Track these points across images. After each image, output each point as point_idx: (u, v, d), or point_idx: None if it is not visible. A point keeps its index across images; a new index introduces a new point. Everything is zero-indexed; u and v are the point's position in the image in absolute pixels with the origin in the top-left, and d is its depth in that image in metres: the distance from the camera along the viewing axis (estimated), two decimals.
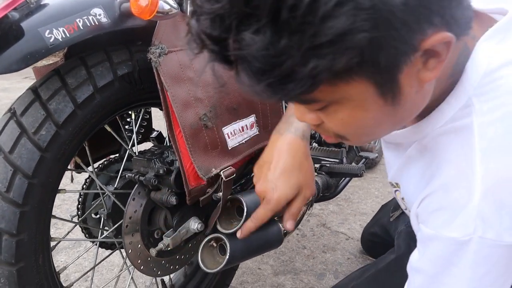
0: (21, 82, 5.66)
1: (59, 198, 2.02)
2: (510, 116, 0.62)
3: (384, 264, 1.28)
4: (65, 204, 2.09)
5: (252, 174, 1.24)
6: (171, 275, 1.32)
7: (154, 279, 1.29)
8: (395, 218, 1.58)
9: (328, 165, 1.45)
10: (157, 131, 1.36)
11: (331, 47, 0.46)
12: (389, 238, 1.56)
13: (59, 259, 1.66)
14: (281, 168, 0.89)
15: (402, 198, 0.88)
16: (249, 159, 1.12)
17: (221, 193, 1.02)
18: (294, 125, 0.92)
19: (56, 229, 1.83)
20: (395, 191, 0.92)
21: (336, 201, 2.18)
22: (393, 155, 0.86)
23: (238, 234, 0.93)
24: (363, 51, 0.48)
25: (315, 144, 1.43)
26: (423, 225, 0.71)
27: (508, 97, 0.63)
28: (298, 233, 1.89)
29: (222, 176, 0.96)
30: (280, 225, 1.13)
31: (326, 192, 1.46)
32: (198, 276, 1.31)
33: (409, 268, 0.77)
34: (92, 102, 0.91)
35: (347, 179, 1.62)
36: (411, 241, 1.31)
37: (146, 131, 1.32)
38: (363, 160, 1.72)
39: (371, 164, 2.51)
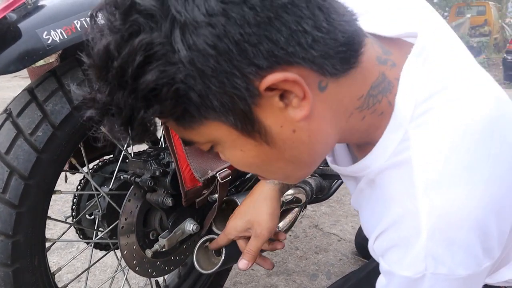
0: (11, 81, 5.63)
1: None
2: (447, 147, 0.60)
3: (365, 273, 1.29)
4: (57, 204, 2.08)
5: (248, 175, 1.25)
6: (165, 276, 1.32)
7: (148, 280, 1.29)
8: None
9: (321, 167, 1.47)
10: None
11: (151, 99, 0.50)
12: None
13: (51, 260, 1.65)
14: (241, 206, 1.00)
15: None
16: None
17: (217, 195, 1.03)
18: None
19: (48, 230, 1.82)
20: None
21: (328, 203, 2.19)
22: (349, 184, 0.85)
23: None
24: (190, 98, 0.51)
25: None
26: (381, 259, 0.70)
27: (442, 128, 0.61)
28: (291, 234, 1.90)
29: (218, 178, 0.96)
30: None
31: (319, 194, 1.47)
32: (192, 277, 1.32)
33: None
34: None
35: (340, 181, 1.63)
36: None
37: None
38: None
39: None
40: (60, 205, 2.07)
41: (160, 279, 1.31)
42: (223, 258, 0.99)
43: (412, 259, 0.62)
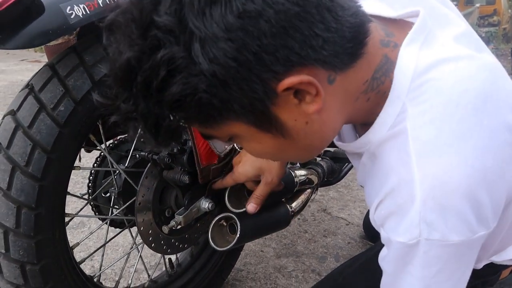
0: (18, 64, 5.64)
1: None
2: (440, 117, 0.63)
3: (374, 252, 1.31)
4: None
5: None
6: (178, 255, 1.35)
7: (161, 259, 1.31)
8: None
9: (332, 150, 1.48)
10: None
11: (176, 108, 0.54)
12: None
13: None
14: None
15: None
16: None
17: None
18: None
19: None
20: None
21: (336, 188, 2.20)
22: (355, 161, 0.88)
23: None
24: (212, 104, 0.55)
25: None
26: (381, 228, 0.73)
27: (437, 98, 0.64)
28: (300, 218, 1.92)
29: (237, 147, 0.98)
30: (288, 206, 1.16)
31: (330, 177, 1.48)
32: (204, 256, 1.34)
33: (379, 263, 0.79)
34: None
35: (350, 164, 1.64)
36: None
37: None
38: None
39: None
40: (72, 185, 2.10)
41: (173, 258, 1.33)
42: (237, 235, 1.00)
43: (406, 225, 0.65)
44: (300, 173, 1.19)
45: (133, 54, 0.52)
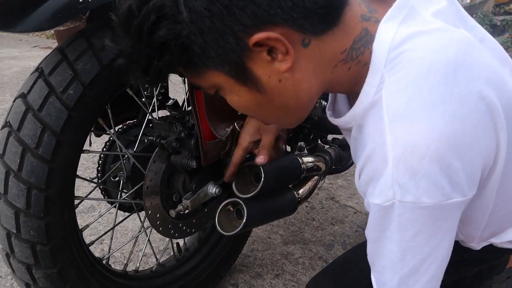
0: (30, 50, 5.68)
1: None
2: (412, 84, 0.66)
3: None
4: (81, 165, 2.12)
5: None
6: (186, 240, 1.36)
7: (169, 244, 1.32)
8: None
9: (340, 138, 1.48)
10: (173, 99, 1.38)
11: (163, 50, 0.62)
12: None
13: None
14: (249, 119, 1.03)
15: None
16: None
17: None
18: None
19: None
20: None
21: (344, 176, 2.20)
22: (348, 138, 0.90)
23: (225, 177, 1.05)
24: (193, 50, 0.62)
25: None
26: (364, 196, 0.75)
27: (410, 67, 0.66)
28: (307, 205, 1.92)
29: (237, 127, 0.99)
30: (295, 192, 1.16)
31: (338, 165, 1.48)
32: (211, 241, 1.35)
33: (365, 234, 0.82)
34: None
35: None
36: None
37: (163, 98, 1.34)
38: None
39: None
40: (83, 170, 2.12)
41: (181, 243, 1.35)
42: (244, 221, 1.01)
43: (381, 188, 0.69)
44: (307, 160, 1.19)
45: (133, 1, 0.60)
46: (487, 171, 0.72)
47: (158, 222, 1.08)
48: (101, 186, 1.20)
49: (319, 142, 1.45)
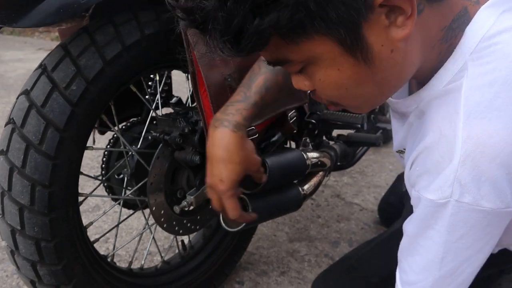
0: (35, 53, 5.70)
1: None
2: (500, 81, 0.62)
3: (387, 235, 1.30)
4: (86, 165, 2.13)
5: (274, 138, 1.26)
6: (191, 238, 1.36)
7: (173, 241, 1.32)
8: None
9: (346, 134, 1.47)
10: (177, 96, 1.38)
11: (271, 5, 0.52)
12: (403, 208, 1.57)
13: None
14: (218, 162, 0.85)
15: None
16: (269, 123, 1.13)
17: None
18: (227, 118, 0.86)
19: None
20: (401, 157, 0.93)
21: (350, 174, 2.19)
22: (399, 124, 0.87)
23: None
24: (308, 7, 0.53)
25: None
26: (412, 188, 0.72)
27: (502, 62, 0.62)
28: (313, 202, 1.91)
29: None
30: (300, 188, 1.15)
31: (343, 161, 1.47)
32: (216, 238, 1.34)
33: (403, 227, 0.79)
34: (120, 60, 0.93)
35: (364, 148, 1.64)
36: None
37: (166, 96, 1.33)
38: (380, 130, 1.74)
39: (385, 139, 2.51)
40: (88, 169, 2.12)
41: (186, 240, 1.35)
42: None
43: (439, 183, 0.65)
44: (312, 155, 1.18)
45: None
46: None
47: (162, 219, 1.07)
48: (106, 184, 1.20)
49: (324, 138, 1.44)
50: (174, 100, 1.37)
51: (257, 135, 1.00)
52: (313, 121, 1.23)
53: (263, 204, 1.05)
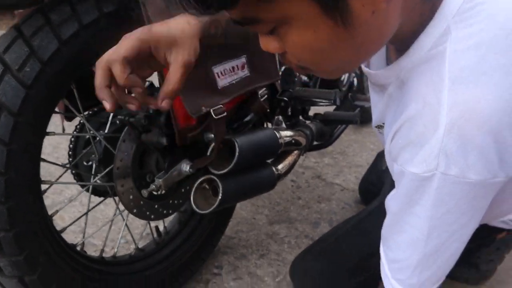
0: None
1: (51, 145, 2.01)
2: (487, 43, 0.58)
3: (367, 212, 1.29)
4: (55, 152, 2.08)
5: (247, 118, 1.22)
6: (166, 223, 1.33)
7: (148, 229, 1.29)
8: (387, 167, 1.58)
9: (322, 113, 1.44)
10: (149, 81, 1.33)
11: None
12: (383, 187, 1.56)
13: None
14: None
15: None
16: (240, 101, 1.10)
17: (212, 135, 1.01)
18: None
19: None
20: (380, 132, 0.91)
21: (331, 154, 2.17)
22: (378, 97, 0.84)
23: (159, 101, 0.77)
24: None
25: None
26: (394, 162, 0.69)
27: (487, 23, 0.59)
28: (293, 184, 1.89)
29: (212, 113, 0.94)
30: (273, 168, 1.13)
31: (321, 139, 1.45)
32: (192, 223, 1.31)
33: (385, 204, 0.77)
34: (78, 40, 0.89)
35: (343, 127, 1.61)
36: None
37: None
38: (358, 108, 1.71)
39: (366, 119, 2.49)
40: (63, 159, 2.07)
41: (162, 227, 1.32)
42: (220, 197, 0.97)
43: (424, 155, 0.61)
44: (285, 134, 1.15)
45: None
46: None
47: (131, 204, 1.04)
48: (74, 171, 1.16)
49: (301, 118, 1.42)
50: (146, 85, 1.33)
51: (225, 113, 0.97)
52: (285, 98, 1.20)
53: (235, 184, 1.02)
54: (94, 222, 1.58)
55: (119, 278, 1.12)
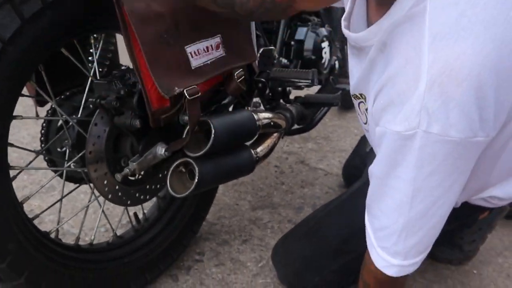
0: None
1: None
2: (464, 1, 0.59)
3: (348, 194, 1.28)
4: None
5: (225, 101, 1.19)
6: (145, 210, 1.30)
7: (124, 213, 1.25)
8: (371, 148, 1.56)
9: (303, 96, 1.42)
10: (125, 66, 1.30)
11: None
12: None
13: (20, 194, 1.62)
14: None
15: (366, 109, 0.85)
16: (216, 83, 1.07)
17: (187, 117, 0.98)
18: None
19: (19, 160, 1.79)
20: (359, 103, 0.89)
21: (315, 140, 2.16)
22: (356, 62, 0.82)
23: None
24: None
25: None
26: (377, 125, 0.69)
27: None
28: (277, 170, 1.88)
29: (186, 94, 0.91)
30: (252, 151, 1.11)
31: (302, 123, 1.43)
32: (172, 209, 1.29)
33: (368, 172, 0.76)
34: (42, 19, 0.85)
35: (324, 110, 1.59)
36: None
37: (111, 65, 1.25)
38: (340, 91, 1.69)
39: (350, 103, 2.47)
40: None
41: (141, 214, 1.29)
42: (196, 180, 0.95)
43: (406, 113, 0.61)
44: (264, 116, 1.13)
45: None
46: (509, 119, 0.66)
47: (106, 189, 1.01)
48: (47, 157, 1.13)
49: (282, 101, 1.39)
50: (122, 68, 1.29)
51: (199, 94, 0.94)
52: (263, 79, 1.18)
53: (212, 167, 1.00)
54: (73, 211, 1.55)
55: (96, 265, 1.09)
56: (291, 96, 1.41)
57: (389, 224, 0.75)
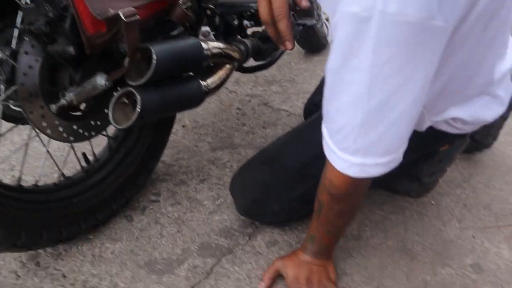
0: None
1: None
2: None
3: (307, 123, 1.25)
4: None
5: (174, 32, 1.13)
6: (95, 150, 1.24)
7: (70, 153, 1.19)
8: None
9: (261, 30, 1.36)
10: None
11: None
12: None
13: None
14: None
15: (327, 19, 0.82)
16: (159, 9, 1.00)
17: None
18: None
19: None
20: (327, 20, 0.86)
21: (279, 82, 2.11)
22: None
23: None
24: None
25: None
26: (334, 15, 0.66)
27: None
28: (238, 112, 1.83)
29: (122, 16, 0.84)
30: (201, 81, 1.06)
31: (259, 58, 1.38)
32: (123, 150, 1.24)
33: (325, 73, 0.74)
34: None
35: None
36: None
37: None
38: (300, 27, 1.63)
39: (319, 47, 2.41)
40: None
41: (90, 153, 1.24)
42: (138, 109, 0.90)
43: None
44: (213, 45, 1.07)
45: None
46: (469, 8, 0.64)
47: (44, 124, 0.95)
48: None
49: (238, 37, 1.33)
50: None
51: (137, 17, 0.87)
52: (211, 6, 1.11)
53: (156, 96, 0.95)
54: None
55: (40, 205, 1.05)
56: (250, 32, 1.35)
57: (347, 121, 0.73)
